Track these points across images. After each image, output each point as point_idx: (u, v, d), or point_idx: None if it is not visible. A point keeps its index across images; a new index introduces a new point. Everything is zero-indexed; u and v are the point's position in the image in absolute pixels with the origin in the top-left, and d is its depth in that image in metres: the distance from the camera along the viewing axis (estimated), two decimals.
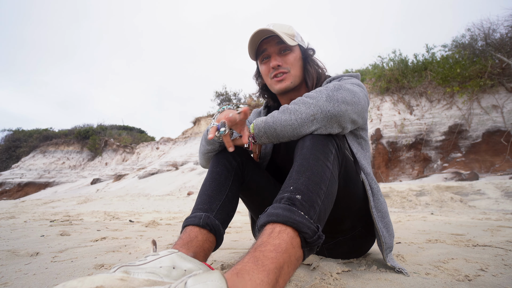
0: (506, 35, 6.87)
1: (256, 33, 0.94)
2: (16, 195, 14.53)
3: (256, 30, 0.94)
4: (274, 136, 0.78)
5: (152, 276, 0.49)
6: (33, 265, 1.00)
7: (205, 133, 0.93)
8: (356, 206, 0.86)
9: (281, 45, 0.97)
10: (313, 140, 0.72)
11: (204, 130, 0.95)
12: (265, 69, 1.01)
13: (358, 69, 10.48)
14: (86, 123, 19.91)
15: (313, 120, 0.73)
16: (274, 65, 0.97)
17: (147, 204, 6.12)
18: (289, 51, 0.98)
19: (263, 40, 0.98)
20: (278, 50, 0.98)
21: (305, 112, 0.73)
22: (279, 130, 0.76)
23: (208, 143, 0.90)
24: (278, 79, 0.98)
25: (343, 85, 0.80)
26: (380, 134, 7.46)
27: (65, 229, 2.01)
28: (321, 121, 0.73)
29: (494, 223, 2.14)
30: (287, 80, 0.98)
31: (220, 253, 1.18)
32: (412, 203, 4.17)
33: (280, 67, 0.97)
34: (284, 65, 0.97)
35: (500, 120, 6.29)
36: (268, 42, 0.98)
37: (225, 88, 14.18)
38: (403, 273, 0.82)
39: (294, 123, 0.74)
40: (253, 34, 0.95)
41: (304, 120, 0.73)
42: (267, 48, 0.98)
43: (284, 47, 0.98)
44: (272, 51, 0.98)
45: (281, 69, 0.97)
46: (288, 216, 0.54)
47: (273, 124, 0.76)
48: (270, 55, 0.99)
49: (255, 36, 0.96)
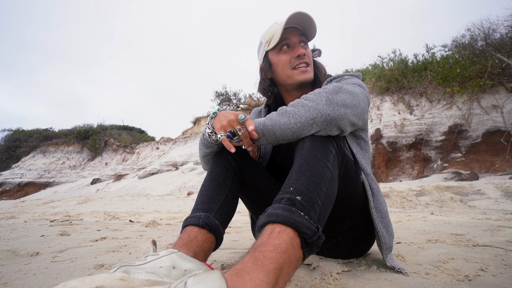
0: (506, 35, 6.87)
1: (296, 13, 0.89)
2: (16, 195, 14.53)
3: (296, 11, 0.89)
4: (273, 138, 0.78)
5: (152, 276, 0.49)
6: (33, 265, 1.00)
7: (201, 136, 0.92)
8: (356, 206, 0.86)
9: (302, 37, 0.96)
10: (313, 140, 0.72)
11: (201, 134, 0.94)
12: (286, 58, 0.96)
13: (358, 69, 10.47)
14: (86, 123, 19.92)
15: (312, 124, 0.73)
16: (301, 53, 0.93)
17: (147, 204, 6.12)
18: (307, 45, 0.98)
19: (287, 28, 0.94)
20: (299, 41, 0.96)
21: (304, 116, 0.73)
22: (278, 133, 0.76)
23: (207, 146, 0.89)
24: (303, 70, 0.95)
25: (343, 86, 0.80)
26: (380, 134, 7.46)
27: (65, 229, 2.01)
28: (321, 124, 0.73)
29: (494, 223, 2.13)
30: (310, 72, 0.97)
31: (220, 253, 1.18)
32: (412, 203, 4.17)
33: (305, 57, 0.95)
34: (307, 57, 0.96)
35: (500, 120, 6.28)
36: (291, 32, 0.95)
37: (225, 88, 14.16)
38: (403, 273, 0.82)
39: (294, 127, 0.73)
40: (293, 13, 0.89)
41: (304, 124, 0.73)
42: (289, 37, 0.95)
43: (305, 40, 0.97)
44: (295, 41, 0.96)
45: (305, 59, 0.95)
46: (288, 216, 0.54)
47: (272, 127, 0.76)
48: (291, 44, 0.96)
49: (293, 17, 0.90)
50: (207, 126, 0.86)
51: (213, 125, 0.84)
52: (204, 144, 0.91)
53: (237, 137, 0.78)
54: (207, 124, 0.86)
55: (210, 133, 0.84)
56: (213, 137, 0.84)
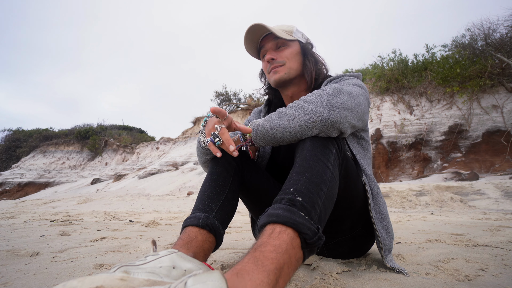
0: (506, 35, 6.87)
1: (250, 28, 0.98)
2: (16, 195, 14.53)
3: (250, 25, 0.97)
4: (273, 141, 0.77)
5: (152, 276, 0.49)
6: (33, 265, 1.00)
7: (197, 145, 0.93)
8: (356, 207, 0.86)
9: (277, 41, 1.01)
10: (313, 141, 0.72)
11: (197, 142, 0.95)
12: (264, 65, 1.05)
13: (358, 69, 10.46)
14: (86, 123, 19.90)
15: (313, 127, 0.72)
16: (268, 59, 1.01)
17: (147, 204, 6.12)
18: (285, 46, 1.02)
19: (262, 39, 1.02)
20: (274, 46, 1.02)
21: (304, 120, 0.72)
22: (279, 136, 0.75)
23: (205, 153, 0.90)
24: (274, 71, 1.01)
25: (343, 88, 0.79)
26: (380, 134, 7.46)
27: (65, 229, 2.01)
28: (321, 127, 0.73)
29: (494, 223, 2.13)
30: (281, 72, 1.01)
31: (220, 253, 1.18)
32: (412, 203, 4.17)
33: (274, 61, 1.00)
34: (279, 59, 1.01)
35: (500, 120, 6.28)
36: (265, 39, 1.02)
37: (225, 88, 14.16)
38: (402, 273, 0.82)
39: (294, 130, 0.73)
40: (248, 29, 0.99)
41: (304, 128, 0.73)
42: (264, 45, 1.03)
43: (281, 43, 1.02)
44: (268, 47, 1.03)
45: (275, 62, 1.01)
46: (288, 216, 0.54)
47: (271, 130, 0.75)
48: (267, 50, 1.03)
49: (250, 32, 0.99)
50: (201, 135, 0.86)
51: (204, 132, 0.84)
52: (202, 152, 0.91)
53: (218, 139, 0.77)
54: (201, 133, 0.87)
55: (204, 142, 0.84)
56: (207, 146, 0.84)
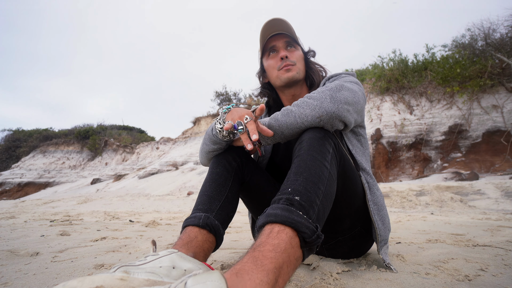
0: (506, 35, 6.87)
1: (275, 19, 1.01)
2: (16, 195, 14.53)
3: (274, 17, 1.01)
4: (282, 137, 0.82)
5: (152, 276, 0.49)
6: (33, 265, 1.00)
7: (209, 132, 0.90)
8: (355, 205, 0.87)
9: (288, 41, 1.05)
10: (310, 140, 0.72)
11: (208, 129, 0.93)
12: (273, 62, 1.06)
13: (358, 69, 10.47)
14: (86, 123, 19.92)
15: (319, 122, 0.77)
16: (283, 55, 1.02)
17: (147, 204, 6.12)
18: (294, 48, 1.06)
19: (270, 37, 1.04)
20: (285, 45, 1.05)
21: (311, 115, 0.76)
22: (287, 132, 0.80)
23: (214, 142, 0.88)
24: (287, 68, 1.02)
25: (344, 84, 0.83)
26: (380, 134, 7.46)
27: (65, 229, 2.01)
28: (327, 121, 0.77)
29: (494, 223, 2.13)
30: (294, 71, 1.03)
31: (220, 253, 1.18)
32: (412, 203, 4.17)
33: (288, 59, 1.03)
34: (292, 58, 1.03)
35: (500, 120, 6.28)
36: (276, 39, 1.05)
37: (225, 88, 14.20)
38: (391, 269, 0.84)
39: (301, 126, 0.77)
40: (272, 19, 1.01)
41: (311, 123, 0.77)
42: (275, 44, 1.05)
43: (291, 43, 1.05)
44: (280, 46, 1.05)
45: (288, 61, 1.03)
46: (286, 216, 0.54)
47: (279, 128, 0.80)
48: (278, 49, 1.05)
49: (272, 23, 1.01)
50: (218, 121, 0.84)
51: (225, 120, 0.83)
52: (211, 139, 0.89)
53: (242, 127, 0.75)
54: (219, 119, 0.84)
55: (221, 129, 0.82)
56: (223, 133, 0.82)
